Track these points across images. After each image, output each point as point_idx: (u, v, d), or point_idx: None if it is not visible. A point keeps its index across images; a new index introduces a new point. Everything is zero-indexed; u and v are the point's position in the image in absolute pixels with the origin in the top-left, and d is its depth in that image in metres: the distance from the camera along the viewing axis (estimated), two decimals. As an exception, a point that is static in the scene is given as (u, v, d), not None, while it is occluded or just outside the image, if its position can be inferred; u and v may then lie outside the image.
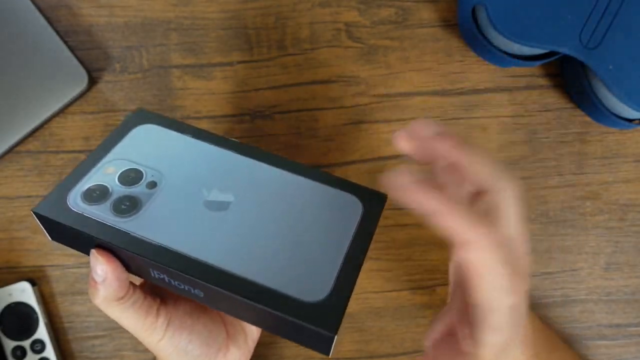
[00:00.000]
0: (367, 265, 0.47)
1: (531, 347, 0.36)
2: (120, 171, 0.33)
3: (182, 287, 0.30)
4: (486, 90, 0.47)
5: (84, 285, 0.46)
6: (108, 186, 0.32)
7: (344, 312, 0.27)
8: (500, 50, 0.44)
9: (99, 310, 0.46)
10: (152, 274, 0.30)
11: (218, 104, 0.46)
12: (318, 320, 0.27)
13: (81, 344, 0.46)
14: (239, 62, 0.46)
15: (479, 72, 0.47)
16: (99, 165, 0.33)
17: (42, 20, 0.44)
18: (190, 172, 0.33)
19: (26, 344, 0.45)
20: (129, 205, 0.31)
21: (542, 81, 0.47)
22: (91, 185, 0.32)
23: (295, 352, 0.47)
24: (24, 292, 0.45)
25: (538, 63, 0.44)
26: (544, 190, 0.47)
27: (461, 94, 0.47)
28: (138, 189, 0.32)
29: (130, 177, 0.33)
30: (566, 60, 0.45)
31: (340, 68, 0.47)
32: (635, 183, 0.47)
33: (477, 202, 0.29)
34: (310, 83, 0.47)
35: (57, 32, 0.45)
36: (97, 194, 0.32)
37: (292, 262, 0.29)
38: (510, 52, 0.44)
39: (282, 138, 0.47)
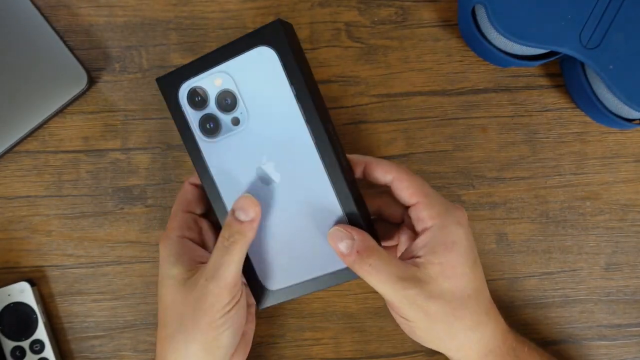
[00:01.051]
0: (367, 266, 0.47)
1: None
2: (222, 90, 0.35)
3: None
4: (486, 90, 0.47)
5: (83, 285, 0.46)
6: (207, 98, 0.35)
7: (280, 302, 0.37)
8: (500, 50, 0.44)
9: (99, 311, 0.46)
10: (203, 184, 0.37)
11: (218, 103, 0.46)
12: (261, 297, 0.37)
13: (80, 344, 0.46)
14: (239, 62, 0.46)
15: (479, 72, 0.47)
16: (215, 69, 0.35)
17: (42, 20, 0.44)
18: (267, 131, 0.35)
19: (25, 344, 0.45)
20: (211, 128, 0.36)
21: (542, 81, 0.47)
22: (198, 86, 0.35)
23: (295, 352, 0.47)
24: (23, 293, 0.44)
25: (538, 63, 0.44)
26: (544, 190, 0.47)
27: (461, 94, 0.47)
28: (224, 118, 0.35)
29: (226, 102, 0.35)
30: (566, 60, 0.45)
31: (340, 68, 0.47)
32: (636, 183, 0.47)
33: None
34: (310, 83, 0.47)
35: (57, 32, 0.45)
36: (197, 100, 0.35)
37: (278, 251, 0.36)
38: (510, 52, 0.44)
39: (282, 138, 0.47)
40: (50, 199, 0.46)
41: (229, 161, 0.36)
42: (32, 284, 0.45)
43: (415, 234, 0.37)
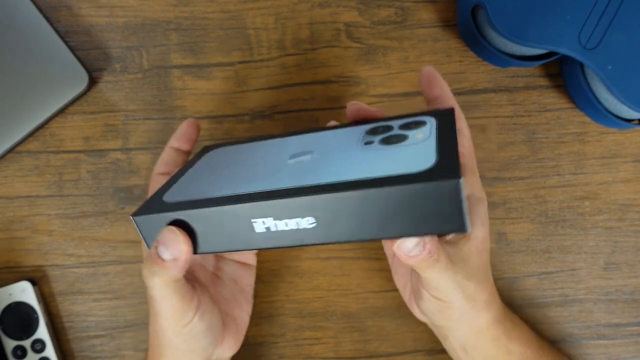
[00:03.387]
0: (367, 265, 0.47)
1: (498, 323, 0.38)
2: None
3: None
4: (485, 91, 0.47)
5: (83, 284, 0.46)
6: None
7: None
8: (500, 51, 0.44)
9: (100, 310, 0.46)
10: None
11: (218, 104, 0.46)
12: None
13: (81, 343, 0.46)
14: (239, 62, 0.47)
15: (479, 72, 0.47)
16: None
17: (43, 21, 0.45)
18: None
19: (26, 343, 0.45)
20: None
21: (541, 81, 0.47)
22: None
23: (296, 352, 0.47)
24: (24, 292, 0.45)
25: (537, 63, 0.44)
26: (543, 190, 0.47)
27: (461, 94, 0.47)
28: None
29: None
30: (565, 60, 0.45)
31: (340, 68, 0.47)
32: (634, 183, 0.47)
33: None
34: (310, 83, 0.47)
35: (58, 33, 0.45)
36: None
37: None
38: (510, 52, 0.44)
39: (282, 138, 0.47)
40: (51, 199, 0.46)
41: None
42: (33, 283, 0.45)
43: None
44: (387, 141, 0.31)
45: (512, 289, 0.47)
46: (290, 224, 0.28)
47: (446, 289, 0.33)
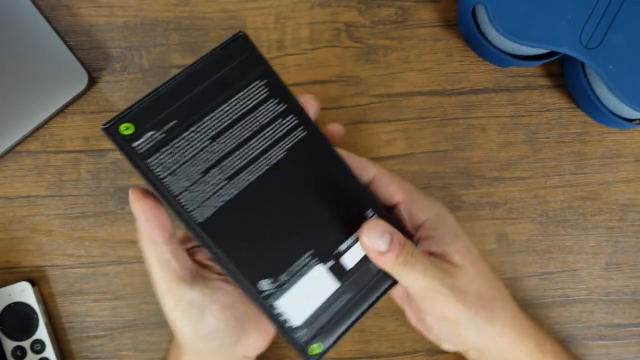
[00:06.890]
0: (367, 265, 0.47)
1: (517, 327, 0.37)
2: None
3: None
4: (486, 90, 0.47)
5: (83, 285, 0.46)
6: None
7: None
8: (500, 50, 0.44)
9: (99, 310, 0.46)
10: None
11: (218, 104, 0.46)
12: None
13: (81, 344, 0.46)
14: (239, 62, 0.46)
15: (479, 72, 0.47)
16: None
17: (42, 20, 0.44)
18: None
19: (26, 344, 0.45)
20: None
21: (542, 81, 0.47)
22: None
23: (296, 353, 0.47)
24: (23, 292, 0.44)
25: (538, 63, 0.44)
26: (544, 190, 0.47)
27: (461, 94, 0.47)
28: None
29: None
30: (566, 60, 0.45)
31: (340, 68, 0.47)
32: (635, 183, 0.47)
33: None
34: (310, 83, 0.47)
35: (57, 32, 0.45)
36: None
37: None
38: (510, 52, 0.44)
39: (282, 138, 0.47)
40: (51, 199, 0.46)
41: None
42: (33, 283, 0.45)
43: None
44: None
45: (513, 289, 0.47)
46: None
47: (443, 298, 0.32)
